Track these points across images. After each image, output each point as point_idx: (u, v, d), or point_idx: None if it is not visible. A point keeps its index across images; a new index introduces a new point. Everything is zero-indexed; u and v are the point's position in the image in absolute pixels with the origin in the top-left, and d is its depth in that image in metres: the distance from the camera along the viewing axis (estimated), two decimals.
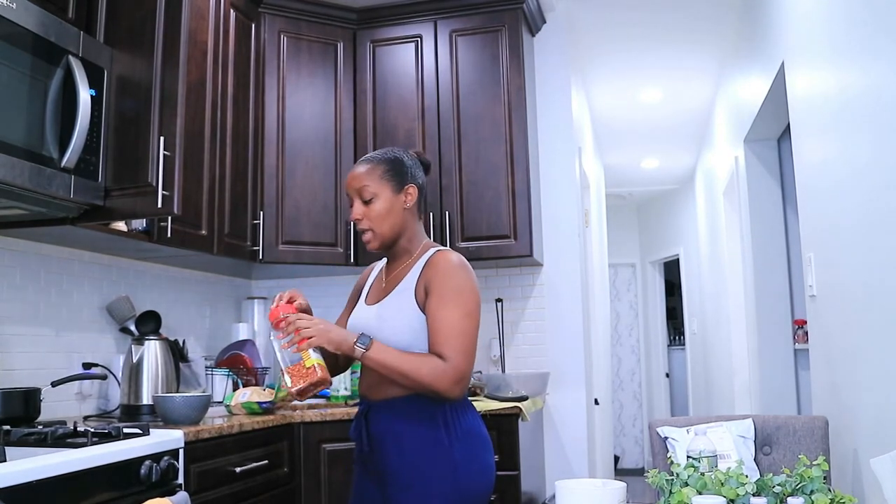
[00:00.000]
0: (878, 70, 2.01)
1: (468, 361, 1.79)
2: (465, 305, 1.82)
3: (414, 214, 1.97)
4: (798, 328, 3.98)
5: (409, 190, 1.94)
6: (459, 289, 1.83)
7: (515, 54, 3.33)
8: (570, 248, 3.61)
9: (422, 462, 1.81)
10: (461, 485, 1.81)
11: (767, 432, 2.44)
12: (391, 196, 1.92)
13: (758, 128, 3.95)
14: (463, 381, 1.77)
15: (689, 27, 4.16)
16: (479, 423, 1.92)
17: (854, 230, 2.28)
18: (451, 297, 1.82)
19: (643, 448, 8.03)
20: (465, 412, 1.88)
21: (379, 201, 1.91)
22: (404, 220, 1.94)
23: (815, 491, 1.60)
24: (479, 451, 1.87)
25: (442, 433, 1.82)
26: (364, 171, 1.93)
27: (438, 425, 1.82)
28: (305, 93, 3.36)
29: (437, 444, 1.81)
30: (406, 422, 1.83)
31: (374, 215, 1.91)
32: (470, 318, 1.82)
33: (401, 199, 1.93)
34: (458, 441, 1.82)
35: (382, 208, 1.91)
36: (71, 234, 2.38)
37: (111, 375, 2.66)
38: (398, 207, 1.93)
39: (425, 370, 1.76)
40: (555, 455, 3.50)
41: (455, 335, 1.78)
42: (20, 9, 1.91)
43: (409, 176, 1.95)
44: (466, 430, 1.85)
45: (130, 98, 2.27)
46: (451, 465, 1.81)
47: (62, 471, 1.61)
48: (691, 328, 7.23)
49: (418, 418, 1.82)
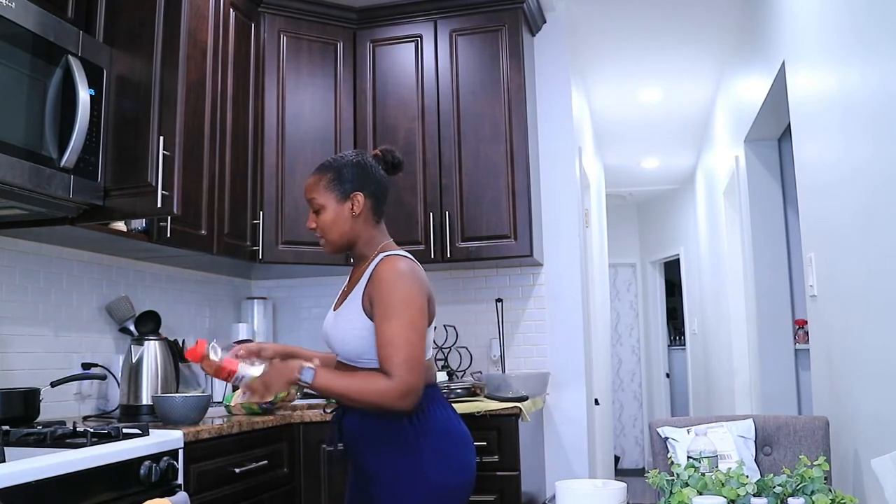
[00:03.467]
0: (878, 70, 2.00)
1: (414, 374, 1.78)
2: (407, 316, 1.82)
3: (367, 220, 1.97)
4: (798, 328, 3.98)
5: (355, 198, 1.95)
6: (402, 300, 1.83)
7: (515, 54, 3.33)
8: (570, 248, 3.61)
9: (392, 460, 1.86)
10: (433, 482, 1.84)
11: (768, 432, 2.44)
12: (336, 206, 1.95)
13: (758, 128, 3.95)
14: (411, 394, 1.78)
15: (690, 27, 4.16)
16: (453, 420, 1.95)
17: (855, 230, 2.27)
18: (393, 309, 1.82)
19: (643, 448, 8.03)
20: (434, 409, 1.91)
21: (325, 212, 1.95)
22: (354, 228, 1.96)
23: (815, 491, 1.60)
24: (451, 447, 1.90)
25: (409, 432, 1.85)
26: (311, 182, 1.98)
27: (404, 424, 1.85)
28: (305, 92, 3.36)
29: (405, 442, 1.85)
30: (375, 422, 1.87)
31: (323, 225, 1.96)
32: (413, 327, 1.82)
33: (347, 208, 1.95)
34: (426, 438, 1.86)
35: (328, 218, 1.95)
36: (70, 234, 2.38)
37: (111, 376, 2.65)
38: (345, 216, 1.95)
39: (372, 391, 1.78)
40: (555, 455, 3.50)
41: (397, 349, 1.79)
42: (19, 8, 1.91)
43: (356, 183, 1.96)
44: (436, 426, 1.89)
45: (130, 98, 2.26)
46: (420, 463, 1.84)
47: (62, 471, 1.61)
48: (691, 328, 7.23)
49: (386, 419, 1.85)
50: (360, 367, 1.89)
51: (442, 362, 3.57)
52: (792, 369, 4.03)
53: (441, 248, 3.28)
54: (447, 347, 3.60)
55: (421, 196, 3.33)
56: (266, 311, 3.57)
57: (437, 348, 3.60)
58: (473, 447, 1.97)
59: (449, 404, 2.00)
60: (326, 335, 1.98)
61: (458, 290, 3.65)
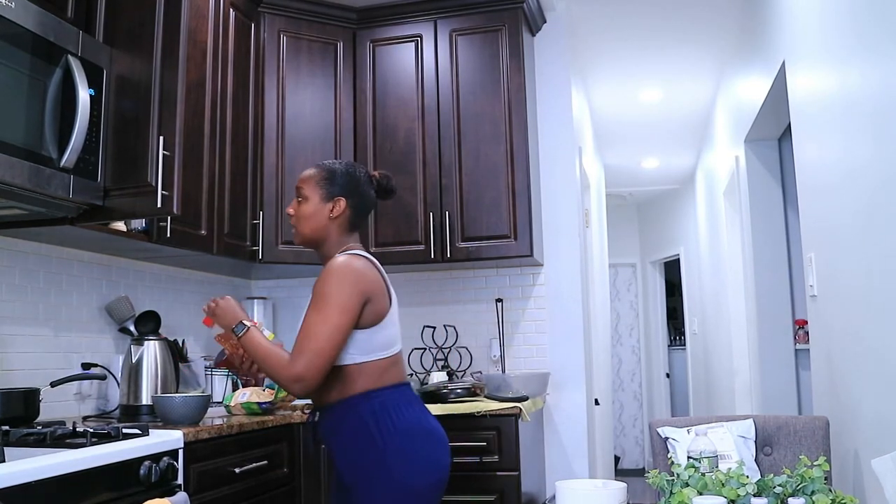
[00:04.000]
0: (878, 70, 2.00)
1: (310, 365, 1.85)
2: (323, 309, 1.90)
3: (341, 226, 2.08)
4: (799, 328, 3.98)
5: (338, 202, 2.06)
6: (326, 293, 1.92)
7: (515, 54, 3.32)
8: (570, 248, 3.61)
9: (358, 460, 1.93)
10: (397, 482, 1.89)
11: (768, 433, 2.44)
12: (318, 202, 2.06)
13: (758, 127, 3.95)
14: (300, 382, 1.86)
15: (690, 27, 4.16)
16: (422, 419, 2.00)
17: (855, 230, 2.27)
18: (317, 300, 1.93)
19: (643, 448, 8.03)
20: (402, 409, 1.96)
21: (307, 204, 2.07)
22: (327, 228, 2.07)
23: (815, 491, 1.60)
24: (420, 447, 1.95)
25: (374, 432, 1.91)
26: (307, 175, 2.11)
27: (368, 423, 1.92)
28: (305, 92, 3.36)
29: (371, 442, 1.91)
30: (341, 422, 1.96)
31: (301, 215, 2.08)
32: (326, 321, 1.89)
33: (327, 208, 2.06)
34: (391, 438, 1.91)
35: (307, 211, 2.07)
36: (70, 234, 2.38)
37: (110, 376, 2.65)
38: (322, 214, 2.06)
39: (274, 365, 1.90)
40: (555, 455, 3.49)
41: (305, 338, 1.88)
42: (19, 8, 1.91)
43: (343, 190, 2.08)
44: (403, 426, 1.93)
45: (130, 98, 2.26)
46: (385, 463, 1.89)
47: (61, 471, 1.61)
48: (692, 328, 7.22)
49: (349, 417, 1.94)
50: None
51: (442, 362, 3.57)
52: (792, 369, 4.03)
53: (441, 248, 3.28)
54: (447, 347, 3.60)
55: (421, 196, 3.33)
56: (266, 311, 3.57)
57: (437, 348, 3.60)
58: (446, 446, 2.02)
59: (421, 403, 2.05)
60: None
61: (458, 290, 3.65)
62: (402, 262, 3.36)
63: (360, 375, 1.95)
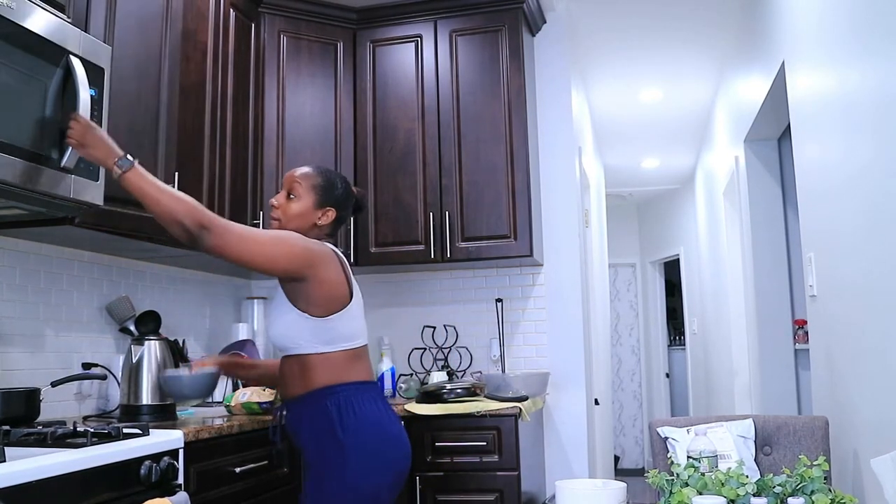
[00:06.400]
0: (878, 70, 2.00)
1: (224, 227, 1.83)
2: (273, 235, 1.94)
3: (321, 233, 2.12)
4: (798, 328, 3.98)
5: (328, 212, 2.12)
6: (279, 234, 1.97)
7: (515, 54, 3.33)
8: (570, 248, 3.61)
9: (319, 453, 1.95)
10: (352, 476, 1.90)
11: (768, 432, 2.44)
12: (309, 206, 2.10)
13: (758, 128, 3.95)
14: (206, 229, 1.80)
15: (690, 27, 4.16)
16: (384, 418, 2.01)
17: (854, 230, 2.28)
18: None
19: (643, 448, 8.03)
20: (361, 404, 1.97)
21: (298, 203, 2.09)
22: (308, 231, 2.08)
23: (815, 491, 1.60)
24: (379, 446, 1.96)
25: (335, 423, 1.93)
26: (302, 174, 2.13)
27: (332, 416, 1.94)
28: (305, 93, 3.36)
29: (330, 434, 1.93)
30: (306, 416, 1.99)
31: (289, 211, 2.09)
32: (263, 234, 1.92)
33: (316, 214, 2.11)
34: (354, 436, 1.93)
35: (296, 210, 2.09)
36: (70, 234, 2.38)
37: (111, 375, 2.65)
38: (310, 218, 2.10)
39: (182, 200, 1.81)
40: (555, 455, 3.50)
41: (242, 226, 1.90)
42: (20, 8, 1.91)
43: (336, 202, 2.13)
44: (365, 424, 1.95)
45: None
46: (343, 455, 1.91)
47: (62, 471, 1.61)
48: (691, 328, 7.23)
49: (314, 410, 1.97)
50: (293, 353, 2.03)
51: (442, 362, 3.57)
52: (792, 369, 4.04)
53: (441, 248, 3.28)
54: (447, 347, 3.60)
55: (421, 196, 3.33)
56: (265, 311, 3.57)
57: (437, 348, 3.61)
58: (407, 449, 2.03)
59: (386, 403, 2.06)
60: (266, 326, 2.10)
61: (458, 290, 3.65)
62: (402, 262, 3.36)
63: (323, 367, 1.98)
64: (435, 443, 2.83)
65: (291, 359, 2.05)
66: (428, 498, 2.80)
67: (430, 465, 2.82)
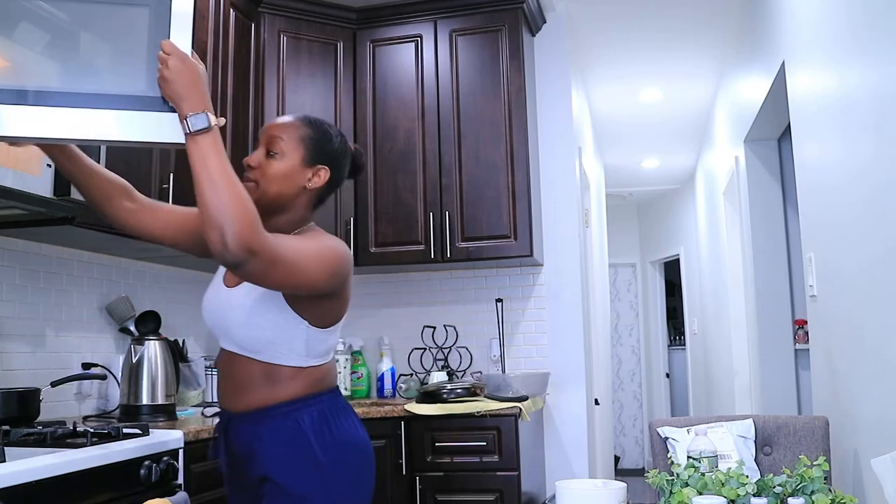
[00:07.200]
0: (878, 70, 2.00)
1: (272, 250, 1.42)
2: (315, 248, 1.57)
3: (310, 199, 1.71)
4: (798, 328, 3.98)
5: (320, 171, 1.68)
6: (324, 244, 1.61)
7: (515, 54, 3.33)
8: (570, 248, 3.61)
9: (291, 475, 1.62)
10: (336, 496, 1.63)
11: (768, 432, 2.44)
12: (297, 165, 1.66)
13: (758, 128, 3.95)
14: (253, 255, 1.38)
15: (690, 27, 4.16)
16: (358, 430, 1.73)
17: (854, 230, 2.28)
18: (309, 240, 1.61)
19: (643, 448, 8.03)
20: (336, 417, 1.68)
21: (282, 161, 1.65)
22: (296, 197, 1.67)
23: (815, 491, 1.60)
24: (355, 461, 1.69)
25: (311, 439, 1.63)
26: (285, 123, 1.69)
27: (306, 432, 1.63)
28: (305, 92, 3.36)
29: (307, 451, 1.62)
30: (272, 432, 1.63)
31: (270, 171, 1.64)
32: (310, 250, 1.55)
33: (306, 174, 1.67)
34: (331, 449, 1.64)
35: (280, 170, 1.65)
36: (70, 234, 2.38)
37: (111, 375, 2.65)
38: (298, 180, 1.66)
39: (240, 205, 1.40)
40: (555, 455, 3.50)
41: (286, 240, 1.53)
42: None
43: (330, 158, 1.70)
44: (340, 437, 1.67)
45: None
46: (323, 474, 1.62)
47: (62, 471, 1.61)
48: (692, 328, 7.23)
49: (283, 424, 1.63)
50: (257, 359, 1.64)
51: (442, 362, 3.57)
52: (792, 369, 4.04)
53: (441, 248, 3.28)
54: (447, 347, 3.60)
55: (421, 196, 3.33)
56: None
57: (437, 348, 3.61)
58: (374, 459, 1.76)
59: (353, 411, 1.76)
60: (215, 314, 1.71)
61: (458, 290, 3.65)
62: (402, 262, 3.36)
63: (299, 379, 1.65)
64: (435, 443, 2.83)
65: (254, 364, 1.65)
66: (428, 498, 2.80)
67: (430, 465, 2.82)
